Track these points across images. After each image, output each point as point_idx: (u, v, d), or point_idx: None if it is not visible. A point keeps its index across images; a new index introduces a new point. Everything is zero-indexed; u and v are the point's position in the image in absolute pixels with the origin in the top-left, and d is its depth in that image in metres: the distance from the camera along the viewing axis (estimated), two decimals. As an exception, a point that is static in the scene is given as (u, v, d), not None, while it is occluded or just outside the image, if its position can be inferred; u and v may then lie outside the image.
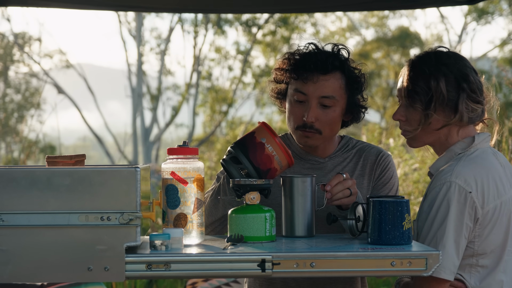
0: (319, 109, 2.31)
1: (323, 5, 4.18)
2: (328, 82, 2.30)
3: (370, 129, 8.19)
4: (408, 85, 2.16)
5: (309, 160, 2.43)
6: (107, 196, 1.81)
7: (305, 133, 2.33)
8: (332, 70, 2.30)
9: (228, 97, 21.02)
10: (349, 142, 2.47)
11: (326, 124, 2.32)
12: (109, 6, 4.27)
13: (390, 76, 23.20)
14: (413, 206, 6.70)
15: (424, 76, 2.13)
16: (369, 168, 2.42)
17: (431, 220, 2.05)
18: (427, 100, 2.12)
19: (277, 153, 2.11)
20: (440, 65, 2.14)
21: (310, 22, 22.36)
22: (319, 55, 2.31)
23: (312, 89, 2.29)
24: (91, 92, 21.66)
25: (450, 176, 2.05)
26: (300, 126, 2.33)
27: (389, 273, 1.87)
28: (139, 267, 1.80)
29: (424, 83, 2.13)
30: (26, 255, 1.80)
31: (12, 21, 51.72)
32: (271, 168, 2.10)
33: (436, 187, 2.07)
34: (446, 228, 2.02)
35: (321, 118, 2.31)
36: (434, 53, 2.19)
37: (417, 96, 2.14)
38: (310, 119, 2.30)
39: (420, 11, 24.61)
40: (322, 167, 2.42)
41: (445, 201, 2.03)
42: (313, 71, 2.29)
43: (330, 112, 2.31)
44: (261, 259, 1.81)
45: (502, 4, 20.91)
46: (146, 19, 22.28)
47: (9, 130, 18.37)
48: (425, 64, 2.15)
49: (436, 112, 2.12)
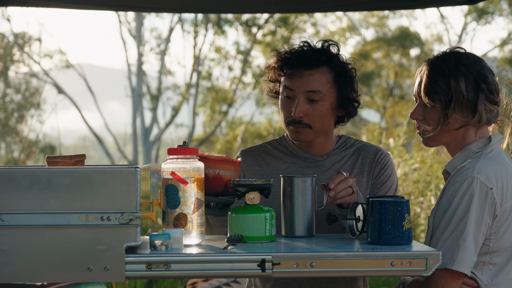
0: (306, 104, 2.34)
1: (323, 5, 4.19)
2: (313, 76, 2.33)
3: (370, 129, 8.19)
4: (428, 84, 2.18)
5: (306, 159, 2.43)
6: (107, 196, 1.81)
7: (295, 128, 2.36)
8: (317, 65, 2.33)
9: (228, 97, 21.02)
10: (348, 141, 2.48)
11: (315, 118, 2.34)
12: (109, 6, 4.27)
13: (390, 76, 23.20)
14: (413, 206, 6.70)
15: (444, 76, 2.15)
16: (368, 166, 2.42)
17: (451, 214, 2.05)
18: (446, 100, 2.14)
19: (219, 168, 2.11)
20: (460, 66, 2.16)
21: (310, 22, 22.37)
22: (304, 52, 2.35)
23: (298, 84, 2.33)
24: (91, 92, 21.66)
25: (471, 172, 2.06)
26: (290, 121, 2.36)
27: (389, 273, 1.87)
28: (139, 267, 1.80)
29: (443, 82, 2.15)
30: (26, 255, 1.80)
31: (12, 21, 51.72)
32: (226, 182, 2.10)
33: (456, 182, 2.07)
34: (467, 223, 2.02)
35: (309, 112, 2.34)
36: (453, 54, 2.21)
37: (437, 96, 2.15)
38: (298, 114, 2.33)
39: (420, 11, 24.61)
40: (320, 165, 2.43)
41: (467, 196, 2.04)
42: (297, 66, 2.33)
43: (318, 107, 2.34)
44: (261, 259, 1.81)
45: (502, 4, 20.91)
46: (146, 19, 22.29)
47: (9, 130, 18.37)
48: (445, 64, 2.17)
49: (455, 112, 2.14)
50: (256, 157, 2.47)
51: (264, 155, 2.48)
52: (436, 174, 7.20)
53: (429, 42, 24.31)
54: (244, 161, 2.45)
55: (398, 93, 23.32)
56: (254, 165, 2.45)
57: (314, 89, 2.33)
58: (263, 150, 2.49)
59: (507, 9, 21.01)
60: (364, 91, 22.96)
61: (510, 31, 22.12)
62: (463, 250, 2.01)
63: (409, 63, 23.69)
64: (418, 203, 6.83)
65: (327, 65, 2.35)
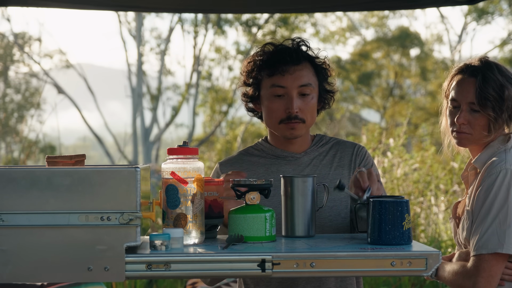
0: (299, 99, 2.38)
1: (323, 5, 4.19)
2: (302, 71, 2.39)
3: (370, 129, 8.19)
4: (479, 92, 2.27)
5: (285, 157, 2.46)
6: (107, 196, 1.81)
7: (290, 124, 2.38)
8: (302, 60, 2.40)
9: (228, 97, 21.02)
10: (323, 138, 2.53)
11: (308, 112, 2.39)
12: (109, 6, 4.27)
13: (390, 76, 23.20)
14: (413, 206, 6.70)
15: (495, 85, 2.26)
16: (347, 159, 2.48)
17: (490, 203, 2.19)
18: (498, 109, 2.26)
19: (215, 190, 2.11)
20: (504, 75, 2.29)
21: (310, 22, 22.37)
22: (287, 49, 2.40)
23: (291, 81, 2.37)
24: (91, 92, 21.66)
25: (505, 164, 2.21)
26: (284, 119, 2.38)
27: (389, 273, 1.87)
28: (139, 267, 1.80)
29: (495, 91, 2.26)
30: (26, 255, 1.80)
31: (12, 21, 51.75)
32: (210, 203, 2.10)
33: (492, 174, 2.21)
34: (508, 210, 2.17)
35: (303, 107, 2.38)
36: (493, 63, 2.32)
37: (489, 103, 2.26)
38: (295, 109, 2.36)
39: (420, 11, 24.62)
40: (299, 162, 2.46)
41: (504, 186, 2.18)
42: (288, 63, 2.37)
43: (309, 100, 2.39)
44: (261, 259, 1.81)
45: (502, 4, 20.92)
46: (146, 19, 22.29)
47: (9, 130, 18.38)
48: (493, 73, 2.28)
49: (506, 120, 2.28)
50: (234, 165, 2.48)
51: (241, 162, 2.49)
52: (436, 174, 7.21)
53: (429, 42, 24.31)
54: (222, 172, 2.46)
55: (398, 93, 23.32)
56: None
57: (305, 83, 2.38)
58: (239, 158, 2.51)
59: (507, 9, 21.01)
60: (364, 91, 22.98)
61: (510, 31, 22.12)
62: (511, 235, 2.16)
63: (409, 63, 23.69)
64: (418, 203, 6.83)
65: (308, 60, 2.42)
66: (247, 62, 2.46)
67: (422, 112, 21.32)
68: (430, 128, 12.97)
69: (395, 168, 6.99)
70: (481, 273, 2.17)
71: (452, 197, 6.98)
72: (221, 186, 2.14)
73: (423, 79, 23.19)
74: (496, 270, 2.17)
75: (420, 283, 5.56)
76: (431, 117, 20.58)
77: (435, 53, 24.74)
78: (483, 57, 2.34)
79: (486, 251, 2.16)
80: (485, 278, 2.17)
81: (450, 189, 6.98)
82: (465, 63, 2.35)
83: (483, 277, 2.17)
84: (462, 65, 2.35)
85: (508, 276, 2.21)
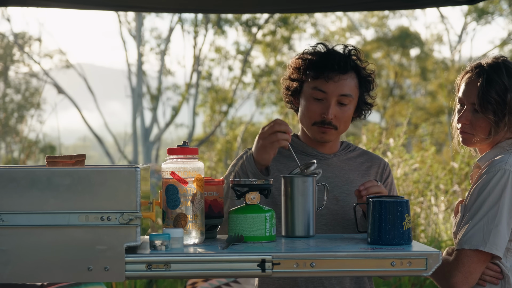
0: (337, 106, 2.41)
1: (323, 5, 4.19)
2: (346, 81, 2.41)
3: (370, 129, 8.19)
4: (482, 94, 2.25)
5: (315, 155, 2.48)
6: (107, 196, 1.81)
7: (322, 128, 2.42)
8: (349, 70, 2.42)
9: (228, 97, 21.02)
10: (350, 145, 2.58)
11: (342, 120, 2.43)
12: (109, 6, 4.27)
13: (390, 76, 23.20)
14: (413, 206, 6.70)
15: (499, 89, 2.24)
16: (374, 171, 2.52)
17: (482, 200, 2.16)
18: (500, 112, 2.23)
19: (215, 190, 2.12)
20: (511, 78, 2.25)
21: (310, 22, 22.36)
22: (337, 56, 2.42)
23: (333, 88, 2.39)
24: (91, 92, 21.65)
25: (504, 165, 2.18)
26: (317, 122, 2.42)
27: (389, 273, 1.87)
28: (139, 267, 1.80)
29: (498, 95, 2.23)
30: (26, 255, 1.80)
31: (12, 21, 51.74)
32: (210, 203, 2.11)
33: (490, 172, 2.19)
34: (499, 210, 2.14)
35: (339, 115, 2.41)
36: (503, 64, 2.28)
37: (491, 106, 2.24)
38: (331, 116, 2.39)
39: (420, 11, 24.62)
40: (329, 162, 2.49)
41: (499, 186, 2.16)
42: (335, 70, 2.39)
43: (346, 110, 2.42)
44: (261, 259, 1.81)
45: (502, 4, 20.92)
46: (146, 19, 22.28)
47: (9, 130, 18.38)
48: (499, 75, 2.25)
49: (507, 124, 2.25)
50: None
51: None
52: (436, 174, 7.20)
53: (429, 42, 24.32)
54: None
55: (398, 93, 23.33)
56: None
57: (346, 93, 2.40)
58: None
59: (507, 9, 21.01)
60: (364, 91, 22.94)
61: (510, 31, 22.13)
62: (496, 235, 2.13)
63: (409, 63, 23.70)
64: (418, 203, 6.82)
65: (355, 71, 2.44)
66: (296, 58, 2.48)
67: (422, 112, 21.34)
68: (430, 128, 12.98)
69: (395, 168, 6.99)
70: (460, 267, 2.14)
71: (452, 197, 6.98)
72: (221, 186, 2.14)
73: (423, 79, 23.21)
74: (475, 267, 2.14)
75: (420, 283, 5.56)
76: (431, 117, 20.61)
77: (435, 53, 24.77)
78: (497, 57, 2.31)
79: (468, 246, 2.13)
80: (462, 273, 2.14)
81: (450, 189, 6.98)
82: (478, 62, 2.32)
83: (461, 271, 2.14)
84: (475, 63, 2.33)
85: (489, 277, 2.18)
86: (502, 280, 2.19)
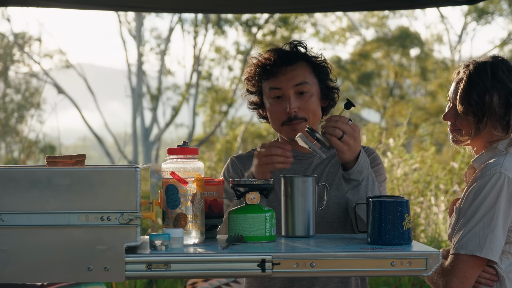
0: (297, 97, 2.40)
1: (323, 5, 4.19)
2: (296, 71, 2.42)
3: (370, 129, 8.20)
4: (463, 95, 2.25)
5: (295, 156, 2.46)
6: (107, 196, 1.81)
7: (292, 126, 2.40)
8: (296, 60, 2.43)
9: (228, 97, 21.01)
10: None
11: (309, 110, 2.41)
12: (109, 6, 4.27)
13: (390, 76, 23.20)
14: (413, 206, 6.70)
15: (479, 91, 2.23)
16: None
17: (478, 205, 2.15)
18: (480, 114, 2.22)
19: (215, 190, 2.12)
20: (495, 81, 2.23)
21: (310, 22, 22.36)
22: (281, 52, 2.44)
23: (285, 81, 2.40)
24: (91, 92, 21.65)
25: (500, 168, 2.16)
26: (285, 121, 2.41)
27: (389, 273, 1.87)
28: (139, 267, 1.80)
29: (478, 97, 2.22)
30: (26, 255, 1.80)
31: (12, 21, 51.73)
32: (210, 203, 2.11)
33: (485, 176, 2.17)
34: (494, 214, 2.13)
35: (301, 105, 2.40)
36: (490, 65, 2.26)
37: (470, 108, 2.23)
38: (293, 109, 2.38)
39: (420, 11, 24.62)
40: (309, 161, 2.48)
41: (495, 190, 2.14)
42: (282, 65, 2.40)
43: (308, 97, 2.41)
44: (261, 259, 1.81)
45: (502, 4, 20.92)
46: (146, 19, 22.27)
47: (9, 130, 18.38)
48: (481, 77, 2.24)
49: (487, 126, 2.23)
50: (247, 161, 2.51)
51: (252, 158, 2.49)
52: (436, 174, 7.20)
53: (429, 42, 24.32)
54: (240, 163, 2.51)
55: (398, 93, 23.32)
56: (247, 169, 2.47)
57: (300, 81, 2.41)
58: (250, 154, 2.53)
59: (507, 9, 21.01)
60: (364, 91, 22.98)
61: (510, 31, 22.12)
62: (492, 240, 2.12)
63: (409, 63, 23.69)
64: (418, 203, 6.83)
65: (304, 60, 2.44)
66: (247, 70, 2.50)
67: (422, 112, 21.33)
68: (430, 128, 12.98)
69: (395, 168, 6.99)
70: (456, 272, 2.13)
71: (452, 197, 6.98)
72: (221, 186, 2.14)
73: (423, 79, 23.20)
74: (471, 272, 2.13)
75: (420, 283, 5.57)
76: (431, 117, 20.59)
77: (435, 53, 24.76)
78: (492, 56, 2.29)
79: (464, 251, 2.12)
80: (459, 278, 2.13)
81: (450, 189, 6.98)
82: (469, 61, 2.31)
83: (457, 277, 2.13)
84: (467, 62, 2.32)
85: (484, 280, 2.17)
86: (498, 282, 2.18)
